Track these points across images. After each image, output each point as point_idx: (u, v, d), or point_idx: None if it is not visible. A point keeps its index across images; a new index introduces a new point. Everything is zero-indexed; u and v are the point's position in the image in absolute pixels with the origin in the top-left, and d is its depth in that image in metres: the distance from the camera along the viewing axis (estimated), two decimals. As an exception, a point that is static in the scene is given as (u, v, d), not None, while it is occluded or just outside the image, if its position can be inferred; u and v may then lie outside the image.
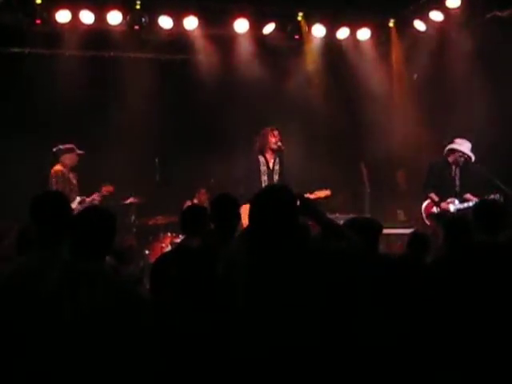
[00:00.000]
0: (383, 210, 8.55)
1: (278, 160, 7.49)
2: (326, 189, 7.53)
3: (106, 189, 7.79)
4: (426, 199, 7.75)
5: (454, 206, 7.53)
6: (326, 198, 7.48)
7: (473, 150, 7.54)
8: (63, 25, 8.22)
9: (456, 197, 7.57)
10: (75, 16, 8.15)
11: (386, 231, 5.39)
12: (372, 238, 3.81)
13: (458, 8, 8.37)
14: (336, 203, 8.51)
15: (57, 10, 8.08)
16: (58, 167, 7.62)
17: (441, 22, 8.71)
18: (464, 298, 3.53)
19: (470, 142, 7.58)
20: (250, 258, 2.99)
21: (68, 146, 7.75)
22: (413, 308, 3.51)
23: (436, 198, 7.61)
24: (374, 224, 3.97)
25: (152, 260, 7.76)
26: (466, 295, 3.53)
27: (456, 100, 8.48)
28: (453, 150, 7.63)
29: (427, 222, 7.69)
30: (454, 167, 7.66)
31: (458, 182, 7.65)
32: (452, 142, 7.69)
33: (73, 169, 7.77)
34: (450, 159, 7.65)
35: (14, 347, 2.83)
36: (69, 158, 7.70)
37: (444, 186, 7.64)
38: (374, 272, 3.47)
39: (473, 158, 7.53)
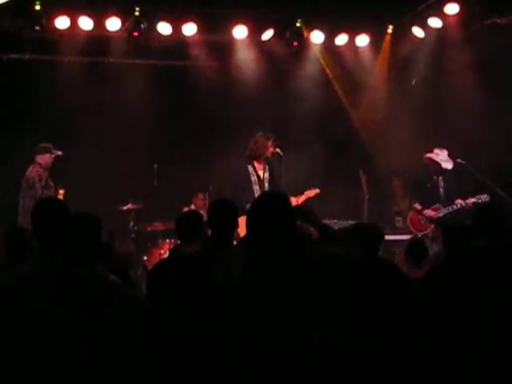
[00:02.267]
0: (382, 216, 8.56)
1: (267, 167, 7.39)
2: (315, 187, 7.53)
3: (62, 191, 7.62)
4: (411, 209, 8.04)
5: (437, 212, 7.71)
6: (316, 196, 7.49)
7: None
8: (62, 31, 8.23)
9: (441, 203, 7.74)
10: (74, 22, 8.16)
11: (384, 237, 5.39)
12: (374, 244, 3.82)
13: (456, 15, 8.39)
14: (335, 209, 8.51)
15: (56, 16, 8.09)
16: (33, 167, 7.56)
17: (439, 29, 8.73)
18: (465, 303, 3.52)
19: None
20: (248, 265, 2.99)
21: (44, 145, 7.70)
22: (413, 314, 3.50)
23: (419, 207, 7.82)
24: (376, 230, 3.97)
25: (150, 266, 7.76)
26: (467, 301, 3.52)
27: (455, 106, 8.50)
28: (429, 159, 7.82)
29: (412, 230, 7.91)
30: (435, 176, 7.83)
31: (442, 190, 7.82)
32: (431, 151, 7.85)
33: (47, 169, 7.66)
34: (429, 168, 7.85)
35: (12, 352, 2.83)
36: (42, 158, 7.63)
37: (429, 196, 7.83)
38: (372, 277, 3.46)
39: (448, 167, 7.69)
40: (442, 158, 7.74)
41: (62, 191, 7.66)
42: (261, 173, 7.35)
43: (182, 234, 4.20)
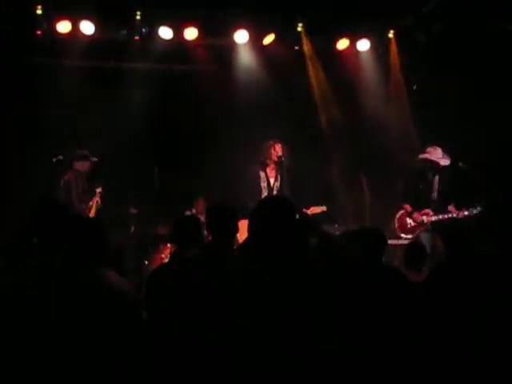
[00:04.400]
0: (383, 220, 8.53)
1: (279, 176, 7.39)
2: (322, 205, 7.53)
3: (98, 190, 7.83)
4: (400, 209, 7.80)
5: (427, 217, 7.53)
6: (321, 212, 7.49)
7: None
8: (64, 35, 8.24)
9: (433, 206, 7.55)
10: (76, 26, 8.17)
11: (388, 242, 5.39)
12: (378, 249, 3.82)
13: (458, 19, 8.38)
14: (336, 213, 8.50)
15: (57, 20, 8.10)
16: (72, 173, 7.65)
17: (441, 33, 8.72)
18: (466, 307, 3.51)
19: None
20: (248, 268, 2.99)
21: (82, 152, 7.79)
22: (415, 317, 3.49)
23: (409, 209, 7.64)
24: (380, 235, 3.97)
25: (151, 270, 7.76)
26: (468, 304, 3.52)
27: (456, 111, 8.49)
28: (424, 159, 7.65)
29: (400, 234, 7.73)
30: (430, 176, 7.64)
31: (435, 191, 7.61)
32: (424, 151, 7.72)
33: (86, 176, 7.80)
34: (426, 168, 7.66)
35: (10, 352, 2.83)
36: (81, 165, 7.73)
37: (421, 196, 7.64)
38: (373, 282, 3.46)
39: (446, 163, 7.53)
40: (437, 155, 7.58)
41: (99, 190, 7.80)
42: (272, 180, 7.37)
43: (179, 239, 4.17)
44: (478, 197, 7.24)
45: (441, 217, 7.42)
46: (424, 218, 7.54)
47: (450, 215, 7.37)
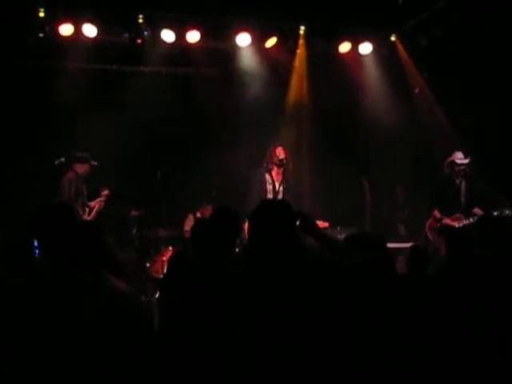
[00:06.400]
0: (384, 223, 8.54)
1: (284, 181, 7.40)
2: (325, 221, 7.52)
3: (104, 192, 7.96)
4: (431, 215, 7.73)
5: (459, 223, 7.43)
6: (324, 229, 7.47)
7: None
8: (66, 38, 8.24)
9: (462, 211, 7.49)
10: (78, 29, 8.17)
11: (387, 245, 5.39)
12: (376, 252, 3.81)
13: (459, 22, 8.38)
14: (337, 217, 8.50)
15: (60, 23, 8.10)
16: (70, 175, 7.66)
17: (442, 37, 8.73)
18: (465, 311, 3.51)
19: (468, 154, 7.61)
20: (248, 269, 3.00)
21: (82, 154, 7.81)
22: (414, 323, 3.49)
23: (438, 215, 7.59)
24: (379, 238, 3.97)
25: (153, 273, 7.78)
26: (467, 309, 3.52)
27: (458, 114, 8.49)
28: (451, 163, 7.63)
29: (430, 237, 7.64)
30: (458, 181, 7.62)
31: (463, 196, 7.58)
32: (449, 156, 7.70)
33: (85, 179, 7.82)
34: (452, 173, 7.63)
35: (16, 353, 2.83)
36: (80, 168, 7.76)
37: (449, 201, 7.59)
38: (373, 286, 3.46)
39: (460, 161, 7.52)
40: (456, 156, 7.58)
41: (105, 192, 7.93)
42: (277, 184, 7.40)
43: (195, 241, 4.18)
44: (506, 200, 7.17)
45: (471, 220, 7.29)
46: (455, 223, 7.45)
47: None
